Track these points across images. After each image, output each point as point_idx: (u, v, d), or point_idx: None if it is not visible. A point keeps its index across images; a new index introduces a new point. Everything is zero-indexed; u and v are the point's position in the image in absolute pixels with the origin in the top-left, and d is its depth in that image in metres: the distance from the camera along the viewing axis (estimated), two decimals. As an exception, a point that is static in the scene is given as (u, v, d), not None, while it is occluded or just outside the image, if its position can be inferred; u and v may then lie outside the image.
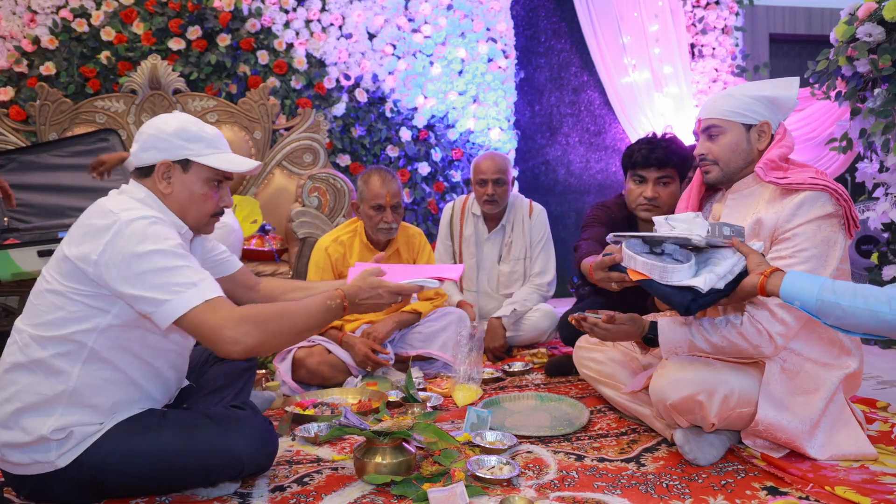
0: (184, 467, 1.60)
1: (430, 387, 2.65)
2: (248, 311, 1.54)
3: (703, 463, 1.83)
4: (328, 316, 1.66)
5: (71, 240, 1.56)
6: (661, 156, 2.46)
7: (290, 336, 1.62)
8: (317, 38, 4.50)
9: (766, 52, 5.94)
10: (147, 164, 1.67)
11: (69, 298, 1.54)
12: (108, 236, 1.50)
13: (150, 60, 3.95)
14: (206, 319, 1.48)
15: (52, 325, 1.54)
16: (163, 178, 1.67)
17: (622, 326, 2.01)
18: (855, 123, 3.37)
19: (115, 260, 1.49)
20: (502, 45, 4.87)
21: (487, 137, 4.82)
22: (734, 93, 1.97)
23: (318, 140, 4.12)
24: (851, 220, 1.84)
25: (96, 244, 1.50)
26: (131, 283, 1.48)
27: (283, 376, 2.61)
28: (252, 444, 1.65)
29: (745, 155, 1.95)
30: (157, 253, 1.50)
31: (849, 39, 3.23)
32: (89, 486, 1.59)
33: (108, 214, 1.54)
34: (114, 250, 1.49)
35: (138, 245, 1.49)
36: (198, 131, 1.69)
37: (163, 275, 1.48)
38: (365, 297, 1.73)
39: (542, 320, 3.28)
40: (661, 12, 5.18)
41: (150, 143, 1.67)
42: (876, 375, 2.80)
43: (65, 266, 1.54)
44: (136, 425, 1.61)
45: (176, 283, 1.48)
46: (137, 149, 1.68)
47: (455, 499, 1.57)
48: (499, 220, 3.41)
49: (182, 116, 1.72)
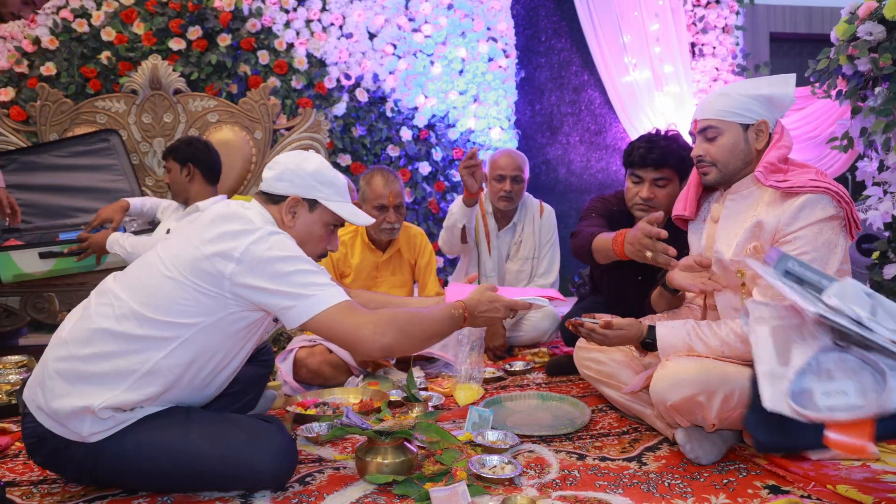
0: (204, 471, 1.61)
1: (432, 386, 2.65)
2: (383, 314, 1.65)
3: (705, 462, 1.83)
4: (452, 325, 1.78)
5: (206, 239, 1.60)
6: (658, 156, 2.44)
7: (420, 340, 1.71)
8: (317, 38, 4.50)
9: (767, 50, 5.94)
10: (278, 193, 1.77)
11: (188, 292, 1.58)
12: (253, 238, 1.58)
13: (150, 60, 3.95)
14: (345, 319, 1.60)
15: (160, 308, 1.57)
16: (289, 212, 1.76)
17: (620, 332, 1.99)
18: (856, 122, 3.36)
19: (258, 259, 1.57)
20: (503, 44, 4.87)
21: (488, 137, 4.82)
22: (730, 92, 1.95)
23: (318, 140, 4.12)
24: (853, 222, 1.83)
25: (238, 243, 1.57)
26: (272, 281, 1.57)
27: (285, 376, 2.61)
28: (275, 461, 1.65)
29: (743, 155, 1.94)
30: (300, 259, 1.62)
31: (849, 38, 3.23)
32: (103, 470, 1.60)
33: (249, 222, 1.63)
34: (257, 251, 1.57)
35: (281, 251, 1.59)
36: (332, 177, 1.80)
37: (304, 276, 1.60)
38: (483, 309, 1.83)
39: (543, 320, 3.28)
40: (661, 11, 5.18)
41: (287, 176, 1.76)
42: (877, 374, 2.80)
43: (200, 263, 1.58)
44: (164, 419, 1.63)
45: (315, 284, 1.60)
46: (272, 176, 1.77)
47: (457, 498, 1.57)
48: (510, 219, 3.40)
49: (320, 159, 1.82)
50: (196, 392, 1.71)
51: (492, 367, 2.90)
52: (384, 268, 2.89)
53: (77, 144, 3.71)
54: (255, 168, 4.06)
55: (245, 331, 1.70)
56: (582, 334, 2.07)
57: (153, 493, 1.68)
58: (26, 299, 3.22)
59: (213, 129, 4.03)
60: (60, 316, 3.21)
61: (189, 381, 1.65)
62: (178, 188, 2.97)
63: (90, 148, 3.73)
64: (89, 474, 1.64)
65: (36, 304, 3.22)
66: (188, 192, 2.96)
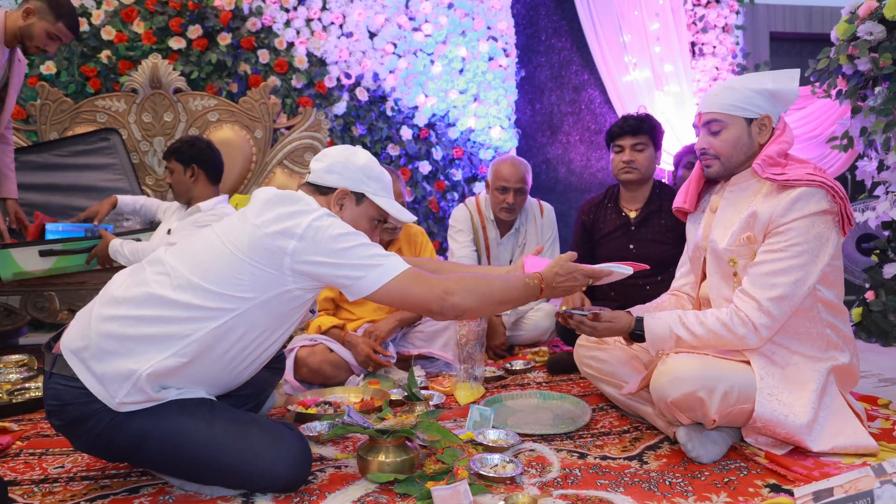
0: (223, 464, 1.61)
1: (432, 385, 2.65)
2: (452, 277, 1.74)
3: (706, 460, 1.84)
4: (527, 293, 1.83)
5: (265, 217, 1.64)
6: (634, 124, 2.82)
7: (492, 302, 1.77)
8: (317, 37, 4.50)
9: (767, 50, 5.95)
10: (326, 185, 1.82)
11: (245, 267, 1.62)
12: (313, 216, 1.64)
13: (150, 59, 3.95)
14: (414, 285, 1.67)
15: (218, 280, 1.61)
16: (337, 203, 1.81)
17: (608, 324, 2.00)
18: (856, 122, 3.37)
19: (320, 236, 1.63)
20: (503, 43, 4.87)
21: (488, 136, 4.82)
22: (735, 85, 1.96)
23: (318, 139, 4.12)
24: (846, 218, 1.85)
25: (299, 220, 1.63)
26: (337, 255, 1.63)
27: (286, 375, 2.61)
28: (292, 467, 1.66)
29: (746, 149, 1.96)
30: (359, 235, 1.69)
31: (849, 38, 3.23)
32: (121, 443, 1.60)
33: (308, 203, 1.69)
34: (318, 229, 1.63)
35: (340, 229, 1.66)
36: (380, 173, 1.86)
37: (368, 248, 1.67)
38: (561, 280, 1.87)
39: (543, 319, 3.28)
40: (661, 11, 5.18)
41: (337, 169, 1.81)
42: (877, 373, 2.80)
43: (262, 241, 1.62)
44: (191, 406, 1.64)
45: (379, 255, 1.67)
46: (321, 168, 1.83)
47: (459, 497, 1.57)
48: (511, 225, 3.39)
49: (368, 155, 1.87)
50: (231, 372, 1.72)
51: (492, 366, 2.90)
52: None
53: (77, 143, 3.71)
54: (256, 167, 4.07)
55: (293, 311, 1.75)
56: (571, 326, 2.08)
57: (154, 494, 1.68)
58: (26, 298, 3.22)
59: (213, 129, 4.03)
60: (61, 315, 3.21)
61: (233, 357, 1.68)
62: (181, 189, 2.97)
63: (90, 147, 3.73)
64: (104, 447, 1.63)
65: (36, 303, 3.22)
66: (191, 193, 2.96)
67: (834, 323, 1.90)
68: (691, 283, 2.22)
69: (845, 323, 1.94)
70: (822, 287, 1.87)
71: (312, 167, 1.84)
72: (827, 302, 1.89)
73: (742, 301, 1.84)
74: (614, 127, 2.88)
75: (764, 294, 1.81)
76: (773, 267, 1.82)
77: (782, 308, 1.81)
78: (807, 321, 1.88)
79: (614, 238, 2.92)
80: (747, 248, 1.90)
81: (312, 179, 1.83)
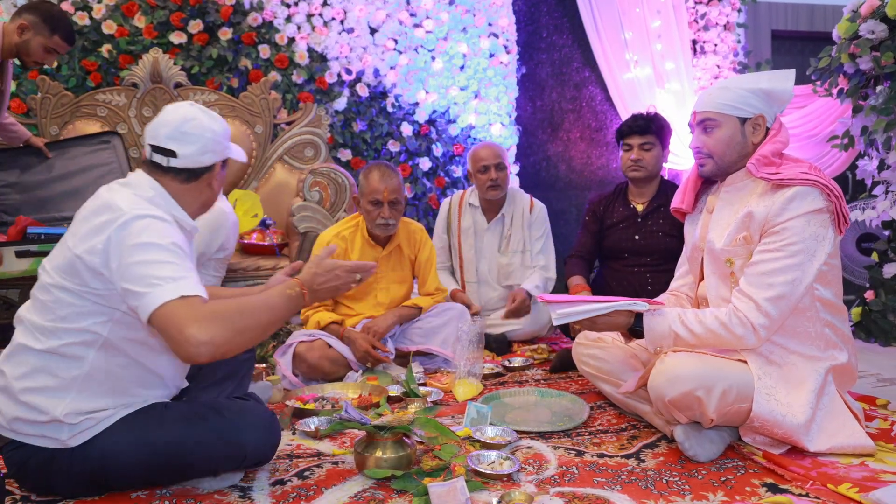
0: (186, 457, 1.61)
1: (431, 382, 2.65)
2: (207, 308, 1.45)
3: (703, 459, 1.84)
4: (289, 304, 1.60)
5: (77, 237, 1.54)
6: (643, 124, 2.94)
7: (257, 331, 1.53)
8: (318, 33, 4.49)
9: (769, 48, 5.93)
10: (204, 166, 1.68)
11: (81, 296, 1.53)
12: (113, 228, 1.49)
13: (151, 54, 3.94)
14: (176, 314, 1.41)
15: (65, 319, 1.54)
16: (216, 177, 1.72)
17: (608, 318, 2.00)
18: (857, 121, 3.36)
19: (117, 252, 1.48)
20: (504, 40, 4.86)
21: (489, 133, 4.82)
22: (730, 85, 1.97)
23: (319, 135, 4.11)
24: (842, 217, 1.86)
25: (102, 236, 1.50)
26: (122, 275, 1.47)
27: (284, 370, 2.61)
28: (256, 434, 1.66)
29: (739, 148, 1.97)
30: (151, 246, 1.48)
31: (851, 36, 3.23)
32: (93, 474, 1.59)
33: (114, 210, 1.53)
34: (118, 241, 1.49)
35: (137, 238, 1.49)
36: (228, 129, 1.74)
37: (147, 267, 1.46)
38: (323, 280, 1.69)
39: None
40: (663, 8, 5.16)
41: (210, 147, 1.67)
42: (875, 373, 2.80)
43: (75, 264, 1.52)
44: (140, 417, 1.62)
45: (156, 277, 1.44)
46: (194, 151, 1.65)
47: (455, 493, 1.57)
48: (497, 211, 3.41)
49: (213, 113, 1.71)
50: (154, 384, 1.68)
51: (491, 363, 2.90)
52: (384, 263, 2.89)
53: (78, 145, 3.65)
54: (256, 162, 4.06)
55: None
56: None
57: (151, 489, 1.68)
58: (25, 292, 3.21)
59: (213, 123, 4.02)
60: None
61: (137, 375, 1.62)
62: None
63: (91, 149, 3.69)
64: (84, 483, 1.61)
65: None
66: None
67: (832, 322, 1.90)
68: (689, 284, 2.23)
69: (844, 322, 1.94)
70: (820, 286, 1.87)
71: (180, 151, 1.64)
72: (825, 301, 1.89)
73: (740, 301, 1.85)
74: (624, 126, 3.00)
75: (761, 294, 1.81)
76: (769, 266, 1.82)
77: (780, 308, 1.81)
78: (805, 320, 1.88)
79: (620, 228, 3.04)
80: (744, 247, 1.90)
81: (186, 164, 1.65)
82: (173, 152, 1.64)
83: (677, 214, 2.27)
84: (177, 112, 1.66)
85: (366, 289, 2.91)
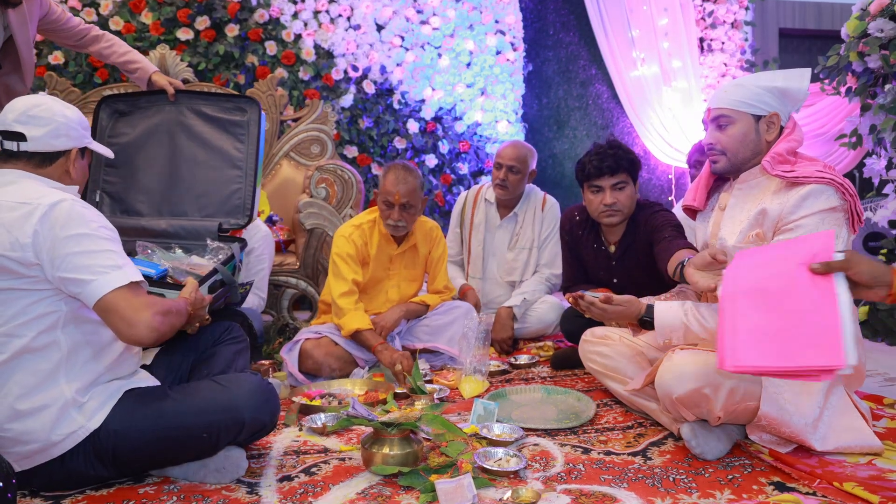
0: (185, 426, 1.63)
1: (437, 379, 2.65)
2: (156, 300, 1.61)
3: (710, 457, 1.84)
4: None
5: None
6: (612, 163, 2.57)
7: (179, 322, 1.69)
8: (325, 29, 4.49)
9: (776, 46, 5.92)
10: (56, 150, 1.68)
11: (24, 287, 1.54)
12: (34, 221, 1.51)
13: (158, 50, 3.94)
14: (128, 301, 1.53)
15: (19, 314, 1.55)
16: (74, 165, 1.73)
17: (618, 307, 2.01)
18: (865, 119, 3.35)
19: (48, 244, 1.51)
20: (511, 37, 4.86)
21: (495, 130, 4.82)
22: (745, 83, 1.97)
23: (325, 131, 4.11)
24: (856, 215, 1.85)
25: (23, 231, 1.51)
26: (58, 266, 1.52)
27: (291, 367, 2.62)
28: (252, 400, 1.69)
29: (753, 146, 1.96)
30: (84, 237, 1.54)
31: (860, 35, 3.22)
32: (101, 458, 1.61)
33: (21, 205, 1.54)
34: (45, 233, 1.52)
35: (66, 229, 1.53)
36: (84, 119, 1.77)
37: (87, 258, 1.53)
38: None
39: (548, 312, 3.27)
40: (670, 6, 5.16)
41: (63, 131, 1.68)
42: (883, 372, 2.80)
43: (3, 263, 1.52)
44: (142, 396, 1.66)
45: (100, 266, 1.53)
46: (45, 134, 1.65)
47: (462, 490, 1.57)
48: (511, 208, 3.42)
49: (68, 104, 1.74)
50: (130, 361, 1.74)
51: (497, 361, 2.90)
52: (398, 261, 2.89)
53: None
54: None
55: None
56: (581, 307, 2.10)
57: (159, 484, 1.69)
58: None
59: (220, 120, 4.02)
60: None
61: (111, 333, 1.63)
62: None
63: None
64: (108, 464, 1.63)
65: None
66: None
67: (841, 321, 1.89)
68: None
69: (852, 321, 1.93)
70: (829, 285, 1.86)
71: (29, 134, 1.63)
72: (834, 300, 1.88)
73: None
74: (589, 167, 2.61)
75: None
76: None
77: None
78: None
79: (594, 268, 2.84)
80: (756, 244, 1.89)
81: (37, 147, 1.65)
82: (22, 135, 1.64)
83: (688, 212, 2.25)
84: (27, 100, 1.69)
85: (378, 286, 2.91)
